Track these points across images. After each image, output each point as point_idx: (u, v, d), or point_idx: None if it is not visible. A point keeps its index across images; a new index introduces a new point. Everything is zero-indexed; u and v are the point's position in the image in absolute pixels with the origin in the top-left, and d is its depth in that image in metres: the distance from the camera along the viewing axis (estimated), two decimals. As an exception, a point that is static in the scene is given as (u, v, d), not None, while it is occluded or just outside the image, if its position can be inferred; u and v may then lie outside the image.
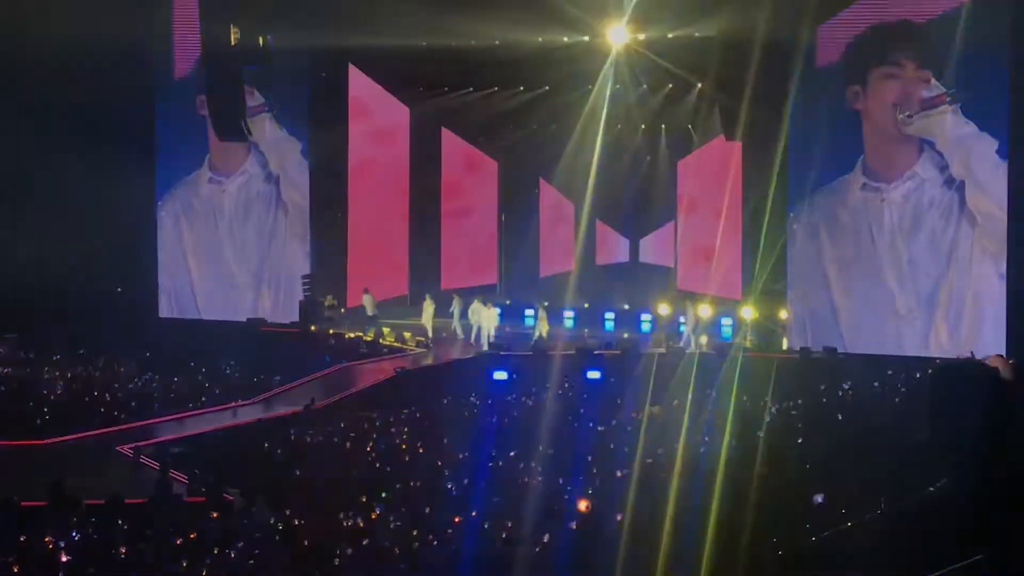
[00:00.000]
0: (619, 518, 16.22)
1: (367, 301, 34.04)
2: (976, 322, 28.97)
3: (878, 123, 29.55)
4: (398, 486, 20.02)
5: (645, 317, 34.32)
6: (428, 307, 33.15)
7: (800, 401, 25.29)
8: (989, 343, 27.91)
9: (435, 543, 16.57)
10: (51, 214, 33.66)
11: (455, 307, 33.23)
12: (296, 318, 33.82)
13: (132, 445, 23.80)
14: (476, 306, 32.49)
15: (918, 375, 27.21)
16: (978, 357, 23.49)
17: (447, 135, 36.79)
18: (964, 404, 4.62)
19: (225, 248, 35.50)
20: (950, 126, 28.88)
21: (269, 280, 35.15)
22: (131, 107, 34.14)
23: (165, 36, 34.42)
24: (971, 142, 28.70)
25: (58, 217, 33.65)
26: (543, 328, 32.31)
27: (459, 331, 32.93)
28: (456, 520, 17.55)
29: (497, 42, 32.54)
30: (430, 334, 32.82)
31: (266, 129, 34.71)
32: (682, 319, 32.46)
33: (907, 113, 29.13)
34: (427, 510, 18.37)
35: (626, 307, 35.51)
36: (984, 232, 28.83)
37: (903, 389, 26.38)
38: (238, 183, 35.21)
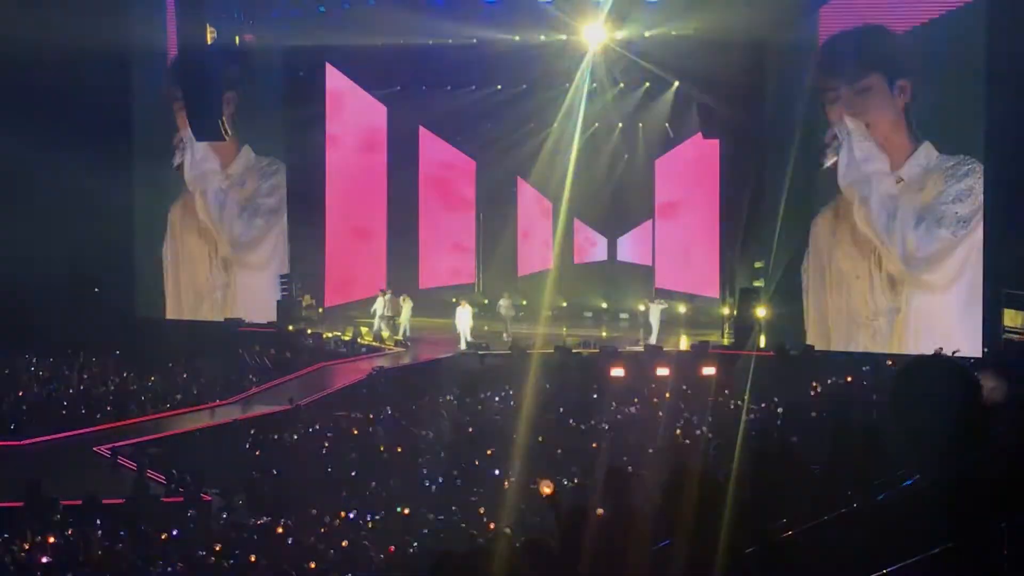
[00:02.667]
0: (599, 512, 16.21)
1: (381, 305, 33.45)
2: (950, 320, 29.10)
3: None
4: (375, 484, 20.05)
5: (624, 316, 34.39)
6: (405, 306, 33.13)
7: (777, 399, 25.36)
8: (962, 342, 28.07)
9: (412, 542, 16.59)
10: (27, 213, 33.50)
11: (377, 306, 33.21)
12: (274, 318, 33.76)
13: (109, 445, 23.75)
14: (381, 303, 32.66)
15: (889, 362, 27.39)
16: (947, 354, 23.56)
17: (424, 134, 36.76)
18: (931, 399, 4.67)
19: (203, 247, 35.42)
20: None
21: (247, 279, 35.08)
22: (108, 105, 33.99)
23: (143, 34, 34.26)
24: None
25: (35, 216, 33.50)
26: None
27: (383, 329, 32.95)
28: (432, 518, 17.58)
29: (474, 41, 32.54)
30: (407, 333, 32.82)
31: (242, 129, 34.64)
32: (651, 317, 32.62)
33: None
34: (405, 509, 18.39)
35: (604, 306, 35.56)
36: (957, 232, 29.02)
37: (875, 388, 26.49)
38: (215, 182, 35.11)
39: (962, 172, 28.91)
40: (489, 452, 21.60)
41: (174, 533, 17.36)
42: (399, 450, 22.34)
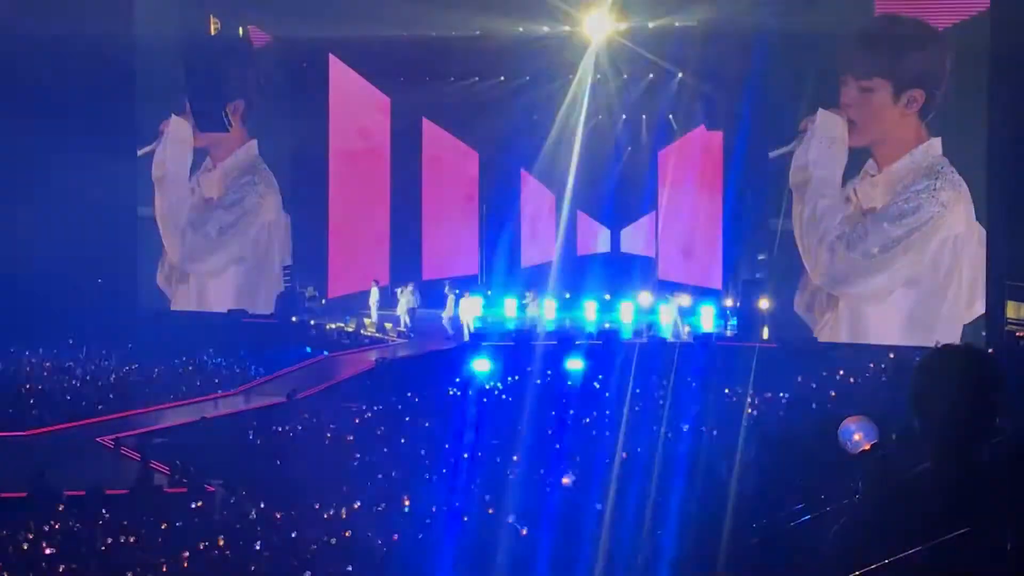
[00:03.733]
0: (599, 507, 16.26)
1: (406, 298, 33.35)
2: (955, 310, 29.11)
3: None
4: (379, 476, 20.06)
5: (626, 307, 34.36)
6: (403, 297, 33.11)
7: (782, 392, 25.36)
8: (968, 331, 28.09)
9: (416, 534, 16.60)
10: (31, 204, 33.52)
11: (372, 298, 33.28)
12: (277, 309, 33.79)
13: (113, 436, 23.77)
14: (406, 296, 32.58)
15: (892, 356, 27.38)
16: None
17: (428, 125, 36.73)
18: (952, 388, 4.68)
19: (206, 239, 35.47)
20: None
21: (250, 271, 35.13)
22: (113, 95, 34.00)
23: (148, 25, 34.24)
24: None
25: (38, 207, 33.52)
26: (537, 312, 32.41)
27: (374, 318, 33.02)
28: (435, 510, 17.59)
29: (478, 32, 32.50)
30: (407, 323, 32.81)
31: (246, 119, 34.68)
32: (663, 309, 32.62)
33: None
34: (408, 500, 18.40)
35: (607, 297, 35.55)
36: (960, 221, 29.06)
37: (884, 379, 26.48)
38: (218, 173, 35.16)
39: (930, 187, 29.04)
40: (495, 443, 21.61)
41: (177, 524, 17.38)
42: (402, 441, 22.35)
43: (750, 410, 22.85)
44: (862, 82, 29.34)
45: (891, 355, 27.73)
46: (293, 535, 16.73)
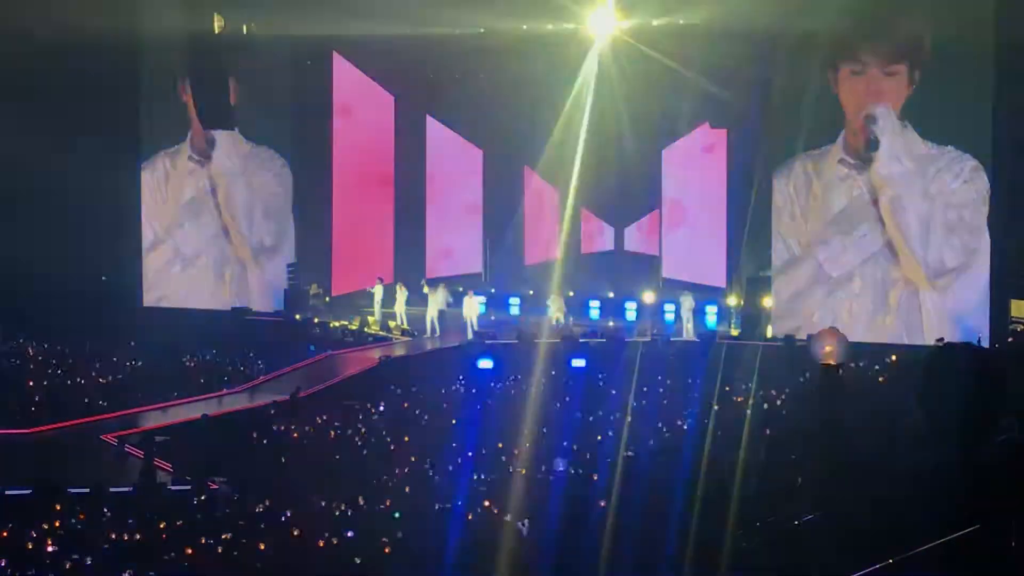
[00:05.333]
0: (602, 504, 16.27)
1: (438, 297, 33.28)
2: (958, 308, 29.08)
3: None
4: (384, 476, 20.06)
5: (630, 305, 34.31)
6: (400, 295, 33.13)
7: (787, 389, 25.35)
8: (970, 329, 28.07)
9: (420, 531, 16.59)
10: (33, 203, 33.53)
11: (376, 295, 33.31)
12: (281, 306, 33.81)
13: (117, 434, 23.77)
14: (437, 295, 32.50)
15: (894, 357, 27.37)
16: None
17: (432, 123, 36.71)
18: (958, 385, 4.68)
19: (209, 236, 35.47)
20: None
21: (254, 268, 35.12)
22: (116, 94, 34.01)
23: (152, 23, 34.25)
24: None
25: (41, 206, 33.53)
26: (558, 314, 32.36)
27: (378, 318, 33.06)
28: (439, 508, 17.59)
29: (482, 30, 32.47)
30: (402, 322, 32.80)
31: (249, 118, 34.69)
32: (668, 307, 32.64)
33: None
34: (411, 498, 18.40)
35: (611, 295, 35.50)
36: (961, 221, 29.07)
37: (885, 375, 26.47)
38: (222, 170, 35.16)
39: (960, 169, 28.92)
40: (499, 445, 21.60)
41: (178, 523, 17.37)
42: (405, 439, 22.34)
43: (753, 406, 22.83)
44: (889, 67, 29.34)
45: (892, 357, 27.72)
46: (296, 532, 16.73)
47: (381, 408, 24.96)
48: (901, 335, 29.39)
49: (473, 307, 32.23)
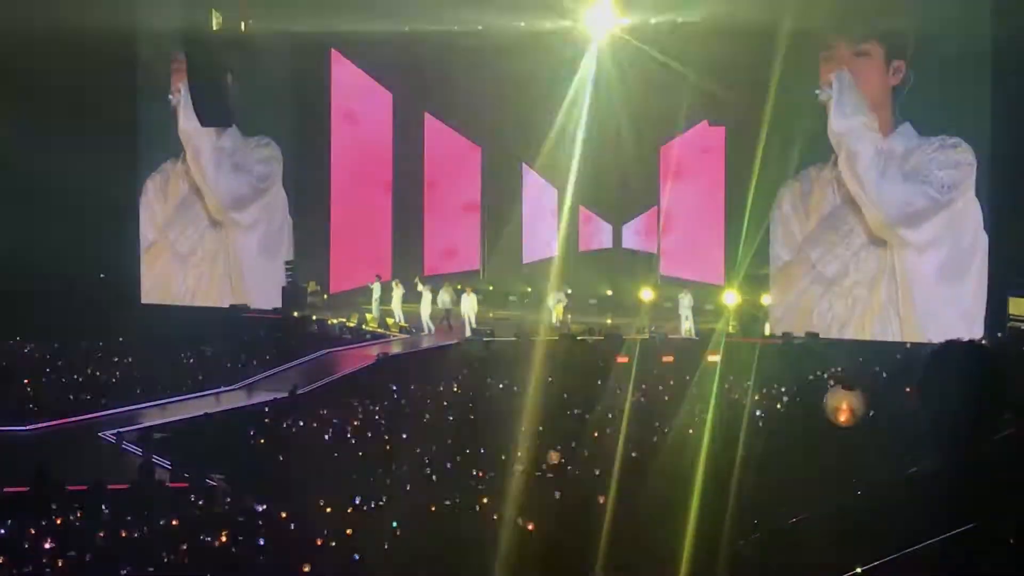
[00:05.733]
0: (601, 500, 16.28)
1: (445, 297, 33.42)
2: (955, 309, 29.11)
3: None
4: (380, 471, 20.06)
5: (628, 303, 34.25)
6: (397, 292, 33.15)
7: (785, 387, 25.35)
8: (965, 331, 28.08)
9: (415, 528, 16.59)
10: (32, 200, 33.51)
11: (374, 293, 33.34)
12: (279, 304, 33.80)
13: (115, 431, 23.76)
14: (443, 295, 32.52)
15: (898, 356, 27.38)
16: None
17: (430, 120, 36.73)
18: (959, 383, 4.68)
19: (207, 232, 35.48)
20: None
21: (251, 265, 35.12)
22: (113, 91, 34.00)
23: (147, 19, 34.24)
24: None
25: (40, 203, 33.51)
26: (557, 311, 32.38)
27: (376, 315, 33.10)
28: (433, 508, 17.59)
29: (480, 27, 32.46)
30: (399, 320, 32.81)
31: (246, 115, 34.68)
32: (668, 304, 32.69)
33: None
34: (409, 495, 18.40)
35: (609, 293, 35.50)
36: (943, 194, 29.14)
37: (884, 375, 26.47)
38: (219, 166, 35.16)
39: (947, 146, 29.02)
40: (492, 439, 21.59)
41: (174, 522, 17.37)
42: (403, 437, 22.33)
43: (751, 404, 22.82)
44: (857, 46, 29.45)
45: (897, 355, 27.73)
46: (293, 527, 16.73)
47: (379, 406, 24.95)
48: (898, 333, 29.43)
49: (471, 304, 32.24)
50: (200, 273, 35.56)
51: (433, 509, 17.44)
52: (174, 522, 17.23)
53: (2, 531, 16.55)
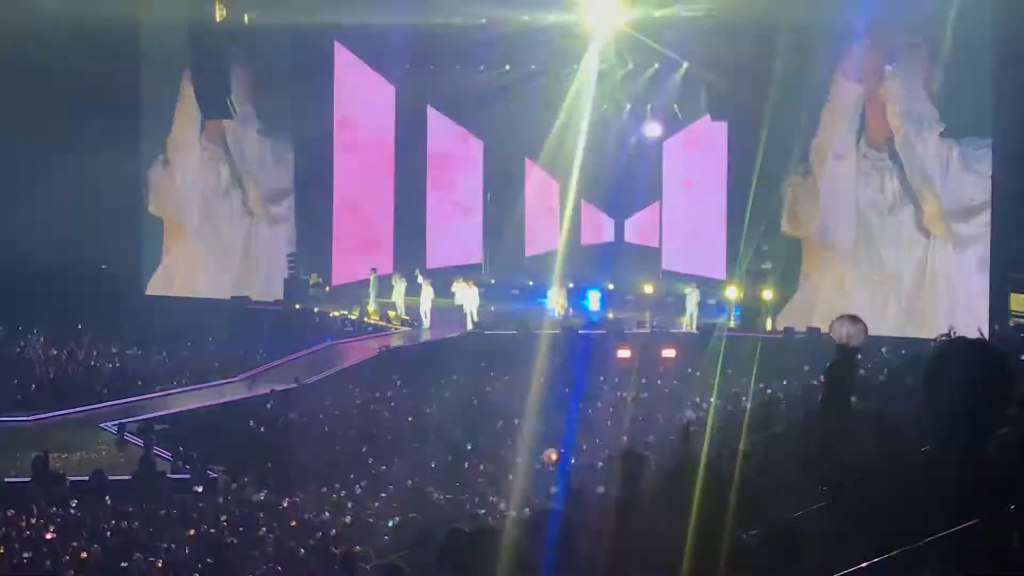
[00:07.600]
0: (600, 491, 16.25)
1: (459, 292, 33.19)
2: (956, 303, 29.11)
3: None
4: (380, 462, 20.11)
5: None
6: (399, 286, 33.13)
7: (786, 381, 25.35)
8: (967, 324, 28.02)
9: (417, 518, 16.62)
10: (36, 191, 33.50)
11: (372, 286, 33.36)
12: (281, 296, 33.82)
13: (116, 422, 23.80)
14: (459, 285, 32.46)
15: (903, 351, 27.33)
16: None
17: (433, 114, 36.69)
18: (963, 378, 4.68)
19: (210, 225, 35.50)
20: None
21: (254, 257, 35.15)
22: (118, 81, 33.98)
23: (150, 11, 34.21)
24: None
25: (43, 194, 33.50)
26: (558, 305, 32.36)
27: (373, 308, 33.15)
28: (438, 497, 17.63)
29: (483, 20, 32.45)
30: (400, 313, 32.81)
31: (250, 107, 34.69)
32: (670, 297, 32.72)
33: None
34: (409, 482, 18.44)
35: (611, 287, 35.49)
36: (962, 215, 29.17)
37: (886, 369, 26.45)
38: (222, 159, 35.19)
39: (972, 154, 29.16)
40: (493, 430, 21.64)
41: (174, 511, 17.41)
42: (405, 429, 22.38)
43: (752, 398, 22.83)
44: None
45: (902, 351, 27.68)
46: (293, 523, 16.76)
47: (381, 396, 24.99)
48: (904, 327, 29.38)
49: (473, 298, 32.19)
50: (203, 263, 35.58)
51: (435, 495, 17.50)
52: (175, 512, 17.29)
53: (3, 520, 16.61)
